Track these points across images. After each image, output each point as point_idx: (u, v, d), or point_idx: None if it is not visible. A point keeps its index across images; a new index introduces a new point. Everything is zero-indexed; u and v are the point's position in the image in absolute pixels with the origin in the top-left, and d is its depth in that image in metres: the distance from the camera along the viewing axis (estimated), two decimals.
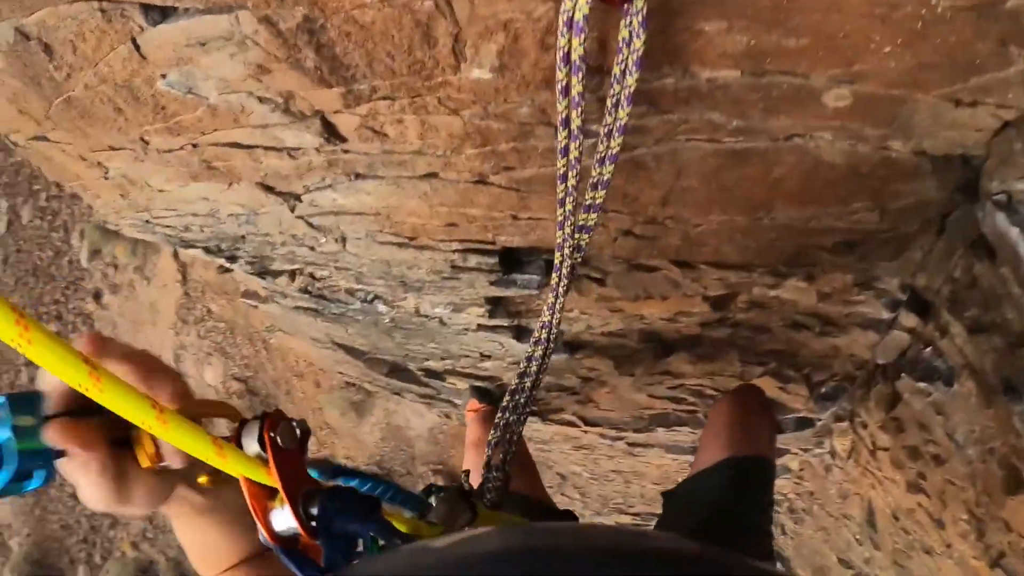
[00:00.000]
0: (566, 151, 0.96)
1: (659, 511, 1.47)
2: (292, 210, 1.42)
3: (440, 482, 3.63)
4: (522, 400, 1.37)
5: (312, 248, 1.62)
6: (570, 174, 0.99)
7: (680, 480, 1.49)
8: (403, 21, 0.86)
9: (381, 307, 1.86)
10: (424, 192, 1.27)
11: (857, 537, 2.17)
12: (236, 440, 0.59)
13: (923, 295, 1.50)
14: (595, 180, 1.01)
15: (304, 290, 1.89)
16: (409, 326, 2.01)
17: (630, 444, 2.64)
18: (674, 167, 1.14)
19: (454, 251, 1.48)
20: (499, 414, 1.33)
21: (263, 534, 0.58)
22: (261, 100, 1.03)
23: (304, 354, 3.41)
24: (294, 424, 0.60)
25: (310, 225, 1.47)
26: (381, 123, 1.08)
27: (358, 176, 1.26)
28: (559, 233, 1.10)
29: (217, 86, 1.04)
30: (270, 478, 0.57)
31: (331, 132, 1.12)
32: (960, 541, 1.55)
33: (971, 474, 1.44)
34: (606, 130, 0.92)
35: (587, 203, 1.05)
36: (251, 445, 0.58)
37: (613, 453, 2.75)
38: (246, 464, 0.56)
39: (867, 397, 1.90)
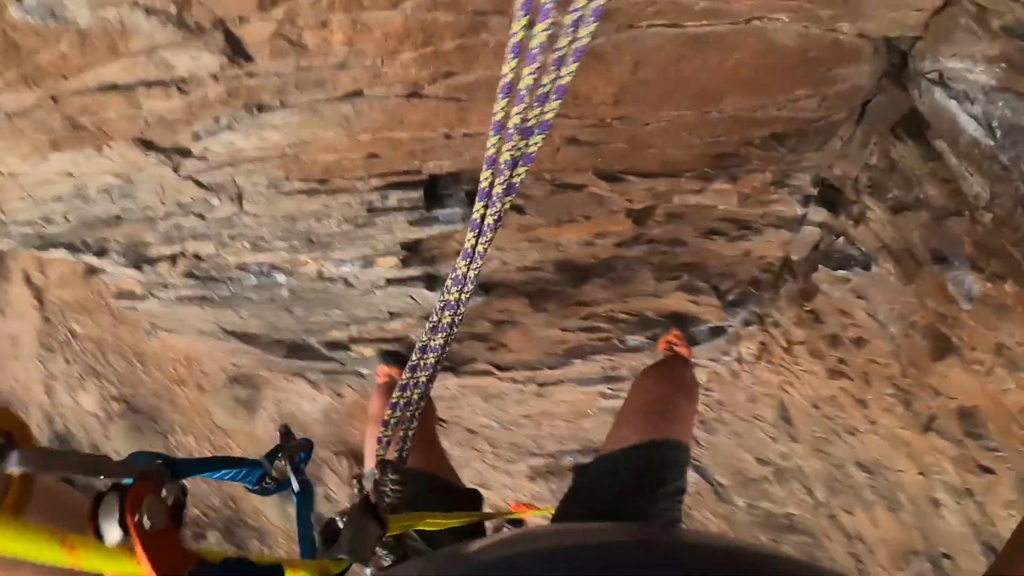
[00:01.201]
0: (519, 48, 0.84)
1: (571, 447, 1.47)
2: (177, 169, 1.21)
3: (344, 463, 3.48)
4: (431, 359, 1.21)
5: (202, 216, 1.41)
6: (524, 76, 0.88)
7: (593, 430, 1.47)
8: None
9: (279, 277, 1.68)
10: (345, 116, 1.13)
11: (772, 435, 2.32)
12: (92, 519, 0.47)
13: (836, 186, 1.58)
14: (547, 89, 0.90)
15: (189, 274, 1.66)
16: (310, 295, 1.84)
17: (540, 384, 2.64)
18: (633, 58, 1.09)
19: (373, 188, 1.35)
20: (407, 373, 1.21)
21: None
22: (148, 12, 0.85)
23: (184, 357, 3.16)
24: (163, 494, 0.49)
25: (200, 185, 1.27)
26: (300, 29, 0.94)
27: (262, 109, 1.09)
28: (491, 160, 0.97)
29: (91, 1, 0.85)
30: (140, 569, 0.46)
31: (235, 48, 0.95)
32: (886, 415, 1.69)
33: (895, 350, 1.55)
34: (573, 17, 0.84)
35: (529, 122, 0.94)
36: (112, 531, 0.46)
37: (523, 398, 2.73)
38: (106, 559, 0.45)
39: (777, 297, 2.00)
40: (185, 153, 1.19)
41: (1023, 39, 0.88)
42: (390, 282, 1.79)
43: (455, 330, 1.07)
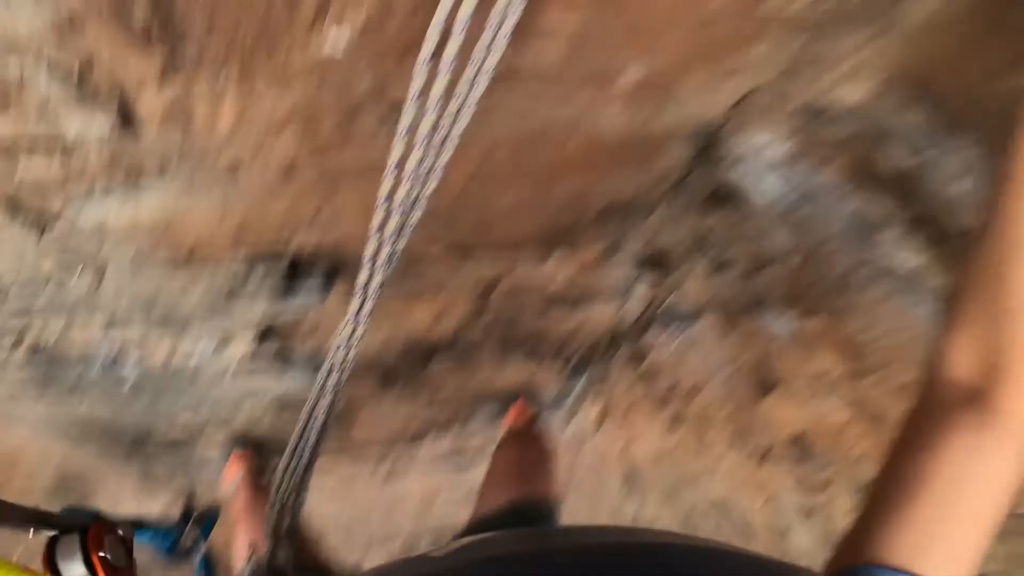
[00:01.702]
0: (412, 128, 0.89)
1: (427, 527, 1.50)
2: (41, 236, 1.15)
3: None
4: (306, 453, 1.17)
5: (58, 287, 1.32)
6: (412, 155, 0.93)
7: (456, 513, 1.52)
8: None
9: (131, 358, 1.58)
10: (222, 191, 1.16)
11: (622, 493, 2.47)
12: (47, 564, 0.49)
13: (663, 253, 1.82)
14: (428, 165, 0.95)
15: (33, 352, 1.51)
16: (161, 380, 1.74)
17: (392, 465, 2.63)
18: (489, 141, 1.23)
19: (239, 260, 1.35)
20: (279, 475, 1.16)
21: None
22: (51, 68, 0.86)
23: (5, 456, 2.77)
24: (120, 533, 0.53)
25: (63, 253, 1.21)
26: (193, 102, 0.97)
27: (142, 178, 1.10)
28: (375, 235, 0.98)
29: None
30: None
31: (127, 117, 0.97)
32: (727, 455, 1.90)
33: (726, 394, 1.78)
34: (458, 101, 0.93)
35: (413, 197, 0.95)
36: (74, 569, 0.49)
37: (374, 480, 2.70)
38: None
39: (614, 361, 2.20)
40: (53, 219, 1.14)
41: (810, 118, 1.13)
42: (244, 361, 1.76)
43: (338, 392, 1.11)
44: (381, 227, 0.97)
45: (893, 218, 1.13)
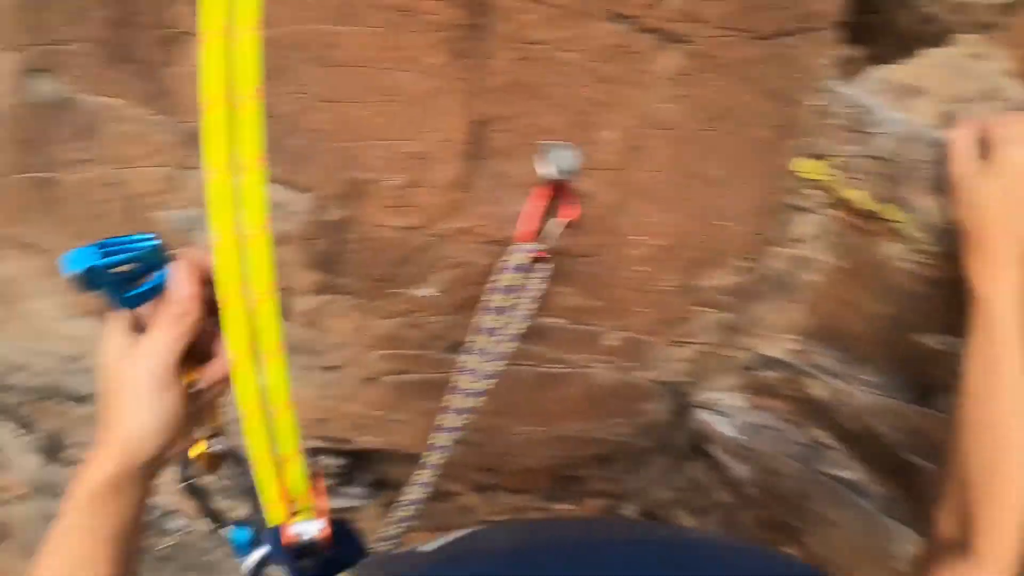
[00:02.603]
0: (468, 360, 1.33)
1: None
2: None
3: None
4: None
5: None
6: (467, 383, 1.35)
7: None
8: (404, 246, 1.34)
9: (174, 523, 1.82)
10: (321, 383, 1.59)
11: None
12: None
13: (654, 510, 2.13)
14: (471, 391, 1.35)
15: None
16: (189, 554, 1.95)
17: None
18: (509, 383, 1.56)
19: (307, 449, 1.71)
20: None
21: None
22: None
23: None
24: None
25: None
26: (327, 313, 1.46)
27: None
28: (438, 441, 1.38)
29: None
30: (319, 503, 0.84)
31: (284, 310, 1.44)
32: None
33: None
34: (500, 344, 1.36)
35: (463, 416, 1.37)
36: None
37: None
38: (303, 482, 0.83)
39: None
40: None
41: (756, 371, 1.57)
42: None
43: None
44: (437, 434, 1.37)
45: (830, 440, 1.48)
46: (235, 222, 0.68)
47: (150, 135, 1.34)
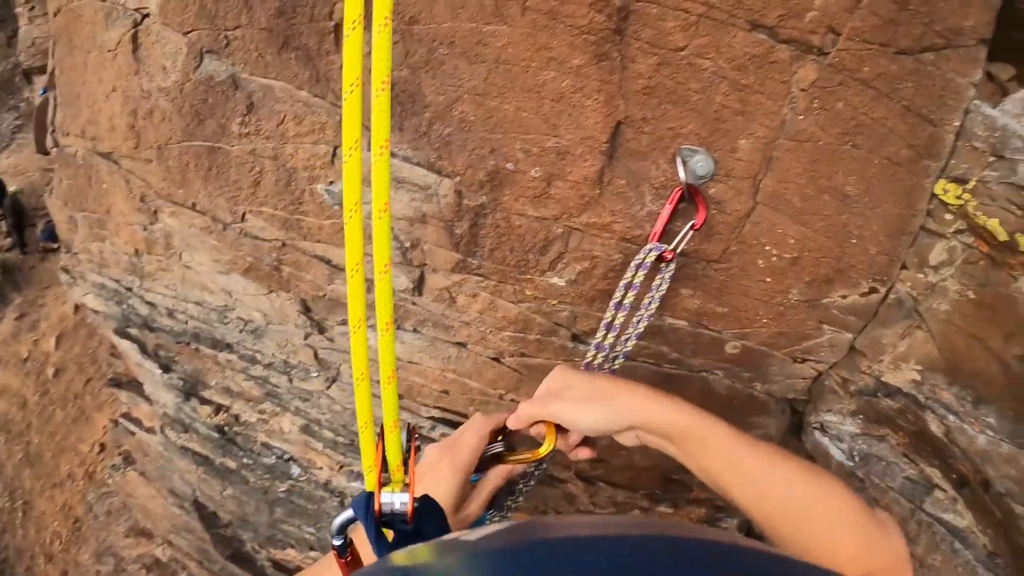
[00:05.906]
0: (600, 345, 1.41)
1: None
2: (306, 337, 1.74)
3: None
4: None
5: (291, 380, 1.89)
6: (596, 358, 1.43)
7: None
8: (538, 235, 1.46)
9: (294, 469, 2.04)
10: (448, 356, 1.75)
11: None
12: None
13: (751, 525, 2.16)
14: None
15: (219, 428, 1.99)
16: (299, 501, 2.14)
17: None
18: (628, 377, 1.72)
19: (427, 417, 1.89)
20: None
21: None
22: (395, 237, 1.53)
23: (60, 534, 3.15)
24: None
25: (315, 357, 1.79)
26: (460, 291, 1.62)
27: (400, 327, 1.72)
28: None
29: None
30: (408, 476, 0.91)
31: (420, 283, 1.62)
32: None
33: None
34: (623, 339, 1.45)
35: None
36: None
37: None
38: (398, 455, 0.92)
39: None
40: (322, 329, 1.73)
41: (871, 397, 1.59)
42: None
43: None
44: None
45: (940, 480, 1.43)
46: (360, 202, 0.77)
47: (309, 116, 1.54)
